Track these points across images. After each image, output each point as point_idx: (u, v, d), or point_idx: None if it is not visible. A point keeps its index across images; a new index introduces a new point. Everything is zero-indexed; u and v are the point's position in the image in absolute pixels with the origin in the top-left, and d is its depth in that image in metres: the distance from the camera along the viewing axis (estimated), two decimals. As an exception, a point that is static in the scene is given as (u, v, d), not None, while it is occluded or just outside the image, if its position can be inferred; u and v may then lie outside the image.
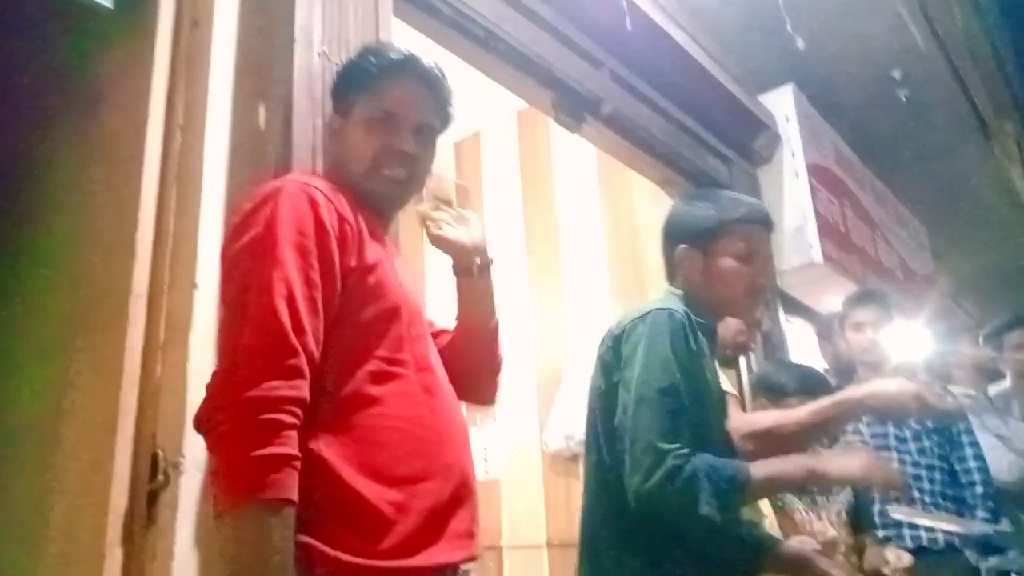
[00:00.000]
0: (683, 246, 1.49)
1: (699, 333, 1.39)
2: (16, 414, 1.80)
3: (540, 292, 4.15)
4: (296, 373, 0.96)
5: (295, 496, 0.91)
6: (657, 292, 1.58)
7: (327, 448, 0.99)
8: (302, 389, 0.96)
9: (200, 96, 1.39)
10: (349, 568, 0.94)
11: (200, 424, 0.97)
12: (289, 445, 0.92)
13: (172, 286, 1.32)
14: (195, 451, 1.22)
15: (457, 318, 1.39)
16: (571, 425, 3.73)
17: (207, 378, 1.24)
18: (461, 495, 1.09)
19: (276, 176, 1.35)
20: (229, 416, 0.92)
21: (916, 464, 2.49)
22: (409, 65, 1.24)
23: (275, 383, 0.93)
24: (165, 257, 1.34)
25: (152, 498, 1.22)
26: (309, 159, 1.37)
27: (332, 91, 1.34)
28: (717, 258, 1.47)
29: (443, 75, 1.28)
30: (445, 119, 1.30)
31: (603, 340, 1.47)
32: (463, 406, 1.27)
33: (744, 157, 3.21)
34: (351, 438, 1.01)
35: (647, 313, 1.38)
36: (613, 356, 1.40)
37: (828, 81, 3.43)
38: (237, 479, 0.90)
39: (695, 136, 2.91)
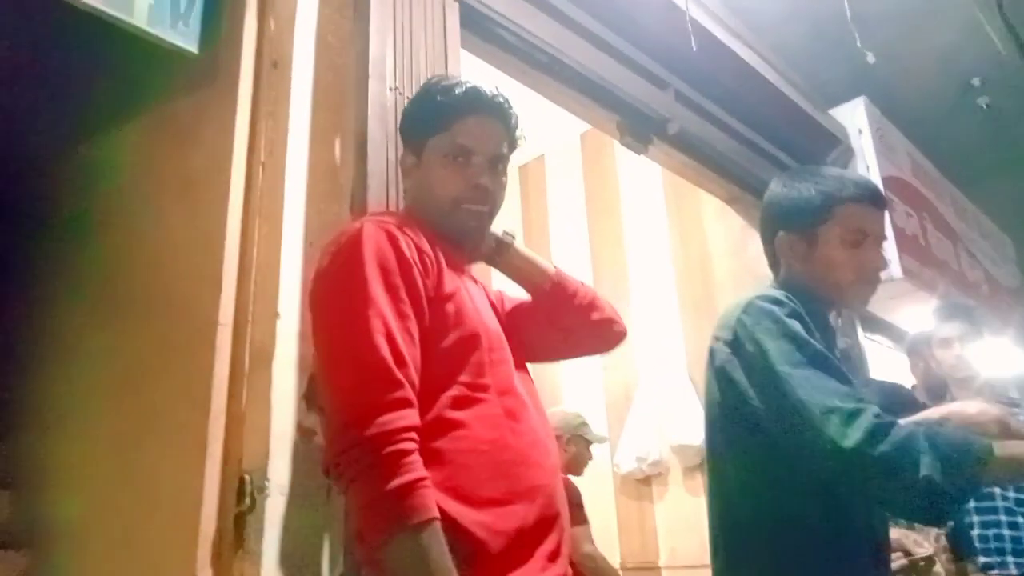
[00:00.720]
0: (782, 233, 1.38)
1: (810, 322, 1.26)
2: (107, 442, 1.89)
3: (608, 314, 4.12)
4: (404, 404, 1.00)
5: (436, 512, 0.96)
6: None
7: None
8: (412, 417, 1.00)
9: (281, 133, 1.45)
10: None
11: (328, 470, 1.03)
12: (416, 469, 0.97)
13: (256, 315, 1.38)
14: (279, 475, 1.27)
15: (527, 292, 1.42)
16: (642, 447, 3.69)
17: (290, 404, 1.31)
18: (548, 517, 1.10)
19: (353, 207, 1.41)
20: (355, 458, 0.96)
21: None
22: (478, 99, 1.27)
23: (388, 416, 0.97)
24: (249, 288, 1.40)
25: (239, 521, 1.26)
26: (383, 190, 1.41)
27: (401, 129, 1.37)
28: (824, 244, 1.33)
29: (509, 103, 1.31)
30: (513, 146, 1.33)
31: (712, 352, 1.36)
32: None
33: (804, 168, 3.13)
34: (438, 463, 1.03)
35: (748, 305, 1.27)
36: (729, 359, 1.28)
37: (902, 92, 3.34)
38: (381, 516, 0.96)
39: (764, 153, 2.87)
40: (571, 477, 3.19)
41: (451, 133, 1.25)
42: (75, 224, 2.46)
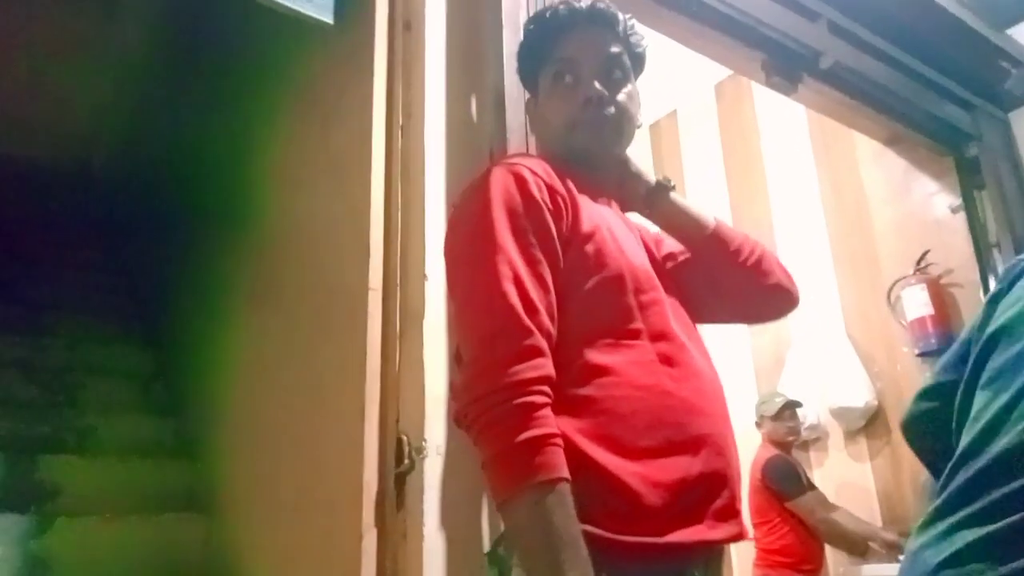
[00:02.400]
0: None
1: None
2: (275, 412, 2.00)
3: (754, 273, 3.92)
4: (536, 352, 0.94)
5: (565, 472, 0.90)
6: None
7: (564, 423, 0.95)
8: (545, 367, 0.95)
9: (417, 96, 1.44)
10: (601, 543, 0.90)
11: (459, 421, 0.99)
12: (546, 424, 0.91)
13: (404, 279, 1.38)
14: (435, 435, 1.27)
15: (683, 245, 1.31)
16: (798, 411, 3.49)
17: (442, 364, 1.30)
18: (716, 470, 1.01)
19: (492, 164, 1.37)
20: (483, 409, 0.92)
21: None
22: (572, 14, 1.19)
23: (518, 367, 0.92)
24: (395, 252, 1.40)
25: (400, 481, 1.28)
26: (523, 143, 1.37)
27: (519, 74, 1.32)
28: None
29: (610, 7, 1.21)
30: (630, 46, 1.23)
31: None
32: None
33: (991, 101, 2.80)
34: (586, 410, 0.97)
35: None
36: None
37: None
38: (506, 469, 0.91)
39: (929, 83, 2.58)
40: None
41: (553, 57, 1.19)
42: (229, 206, 2.61)
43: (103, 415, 2.81)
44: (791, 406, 3.26)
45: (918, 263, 3.01)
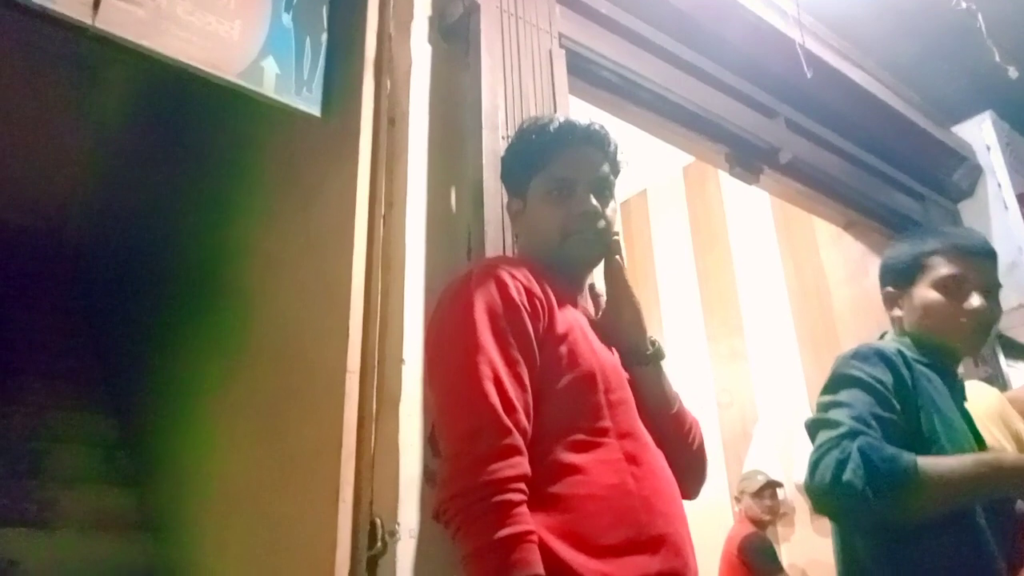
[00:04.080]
0: (888, 289, 1.48)
1: (928, 370, 1.33)
2: (245, 488, 1.99)
3: (720, 349, 4.01)
4: (514, 451, 0.99)
5: (540, 569, 0.94)
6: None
7: (534, 518, 1.00)
8: (522, 465, 1.00)
9: (400, 187, 1.51)
10: None
11: (438, 516, 1.03)
12: (523, 522, 0.96)
13: (382, 362, 1.42)
14: (408, 518, 1.29)
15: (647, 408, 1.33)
16: (765, 487, 3.53)
17: (417, 448, 1.34)
18: (673, 568, 1.04)
19: (470, 254, 1.44)
20: (462, 506, 0.96)
21: None
22: (572, 131, 1.28)
23: (496, 465, 0.97)
24: (374, 335, 1.45)
25: (371, 564, 1.29)
26: (499, 235, 1.43)
27: (503, 177, 1.40)
28: (918, 292, 1.42)
29: (604, 130, 1.31)
30: (616, 168, 1.32)
31: None
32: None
33: (941, 193, 2.97)
34: (554, 508, 1.02)
35: (849, 352, 1.35)
36: None
37: (1032, 102, 3.12)
38: (485, 565, 0.94)
39: (882, 175, 2.74)
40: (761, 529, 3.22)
41: (550, 170, 1.26)
42: (204, 281, 2.64)
43: (65, 486, 2.76)
44: (772, 485, 3.29)
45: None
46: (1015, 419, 1.81)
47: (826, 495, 1.14)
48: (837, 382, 1.29)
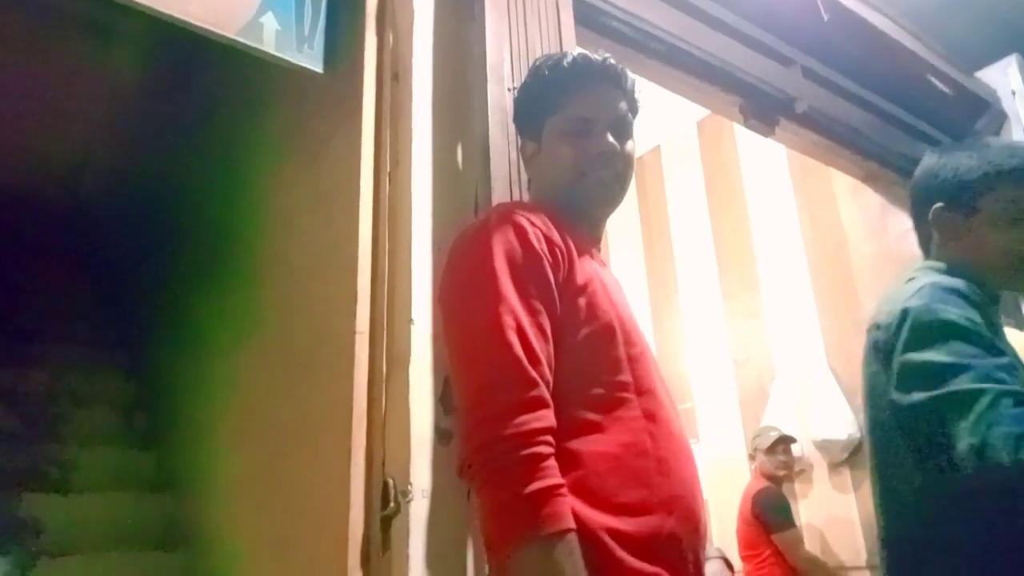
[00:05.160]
0: (939, 205, 1.28)
1: (978, 309, 1.16)
2: (259, 451, 2.00)
3: (736, 307, 3.98)
4: (540, 403, 0.96)
5: (572, 523, 0.92)
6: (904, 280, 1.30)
7: None
8: (548, 418, 0.96)
9: (404, 143, 1.48)
10: None
11: (462, 472, 1.00)
12: (553, 475, 0.93)
13: (391, 322, 1.40)
14: (421, 478, 1.28)
15: None
16: (782, 444, 3.53)
17: (428, 408, 1.33)
18: (686, 531, 1.02)
19: (477, 211, 1.41)
20: (488, 458, 0.93)
21: None
22: (588, 68, 1.23)
23: (524, 417, 0.94)
24: (382, 295, 1.43)
25: (385, 524, 1.29)
26: (507, 191, 1.40)
27: (516, 119, 1.36)
28: (985, 219, 1.25)
29: (620, 65, 1.26)
30: (634, 107, 1.27)
31: (876, 334, 1.26)
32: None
33: (963, 141, 2.88)
34: (570, 464, 0.99)
35: (918, 291, 1.18)
36: (891, 346, 1.19)
37: (1062, 45, 3.00)
38: (514, 521, 0.91)
39: (903, 125, 2.66)
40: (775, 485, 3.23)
41: (566, 109, 1.21)
42: (216, 242, 2.64)
43: (85, 447, 2.81)
44: (785, 440, 3.29)
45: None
46: None
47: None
48: (931, 334, 1.13)
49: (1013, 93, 2.95)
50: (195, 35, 1.60)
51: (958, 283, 1.19)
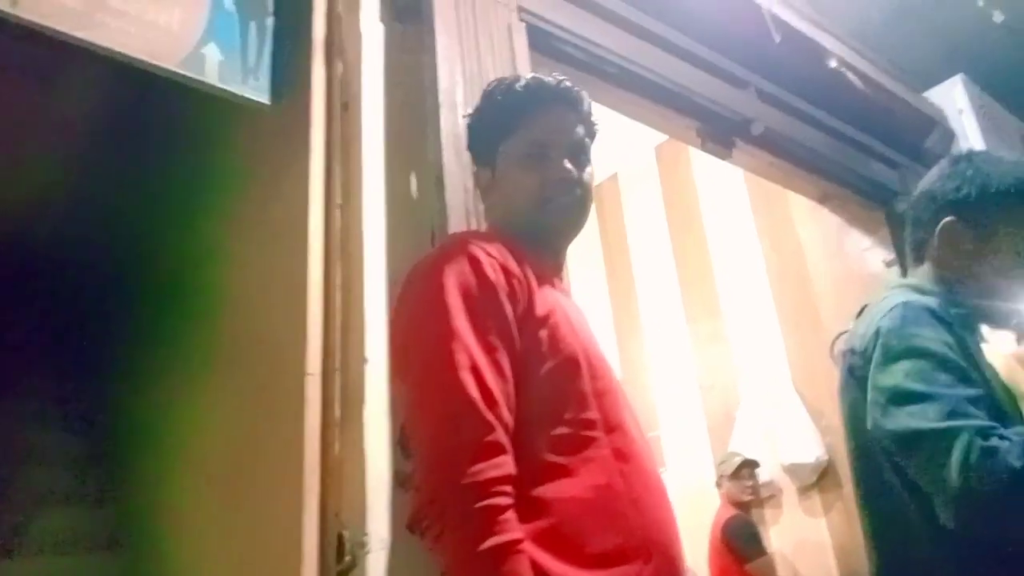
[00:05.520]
0: (951, 219, 1.23)
1: (951, 330, 1.14)
2: (211, 501, 1.90)
3: (701, 332, 3.97)
4: (497, 449, 0.89)
5: None
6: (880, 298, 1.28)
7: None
8: (507, 465, 0.89)
9: (355, 174, 1.42)
10: None
11: (414, 524, 0.93)
12: (511, 530, 0.86)
13: (344, 362, 1.33)
14: (379, 527, 1.21)
15: None
16: (751, 469, 3.49)
17: (385, 452, 1.25)
18: None
19: (433, 242, 1.35)
20: (443, 511, 0.87)
21: None
22: (542, 90, 1.19)
23: (479, 465, 0.87)
24: (335, 334, 1.36)
25: (341, 578, 1.20)
26: (463, 221, 1.35)
27: (470, 146, 1.31)
28: (992, 232, 1.21)
29: (575, 87, 1.22)
30: (591, 131, 1.23)
31: (850, 358, 1.24)
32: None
33: (915, 159, 2.92)
34: (537, 513, 0.92)
35: (890, 311, 1.16)
36: (863, 372, 1.17)
37: (1004, 66, 3.08)
38: None
39: (857, 145, 2.69)
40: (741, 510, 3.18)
41: (521, 133, 1.17)
42: (169, 286, 2.54)
43: (35, 508, 2.65)
44: (749, 465, 3.27)
45: (858, 316, 3.07)
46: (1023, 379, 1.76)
47: (996, 501, 0.97)
48: (900, 358, 1.10)
49: (960, 112, 3.01)
50: (141, 71, 1.53)
51: (931, 302, 1.17)
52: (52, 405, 3.49)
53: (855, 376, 1.20)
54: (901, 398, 1.08)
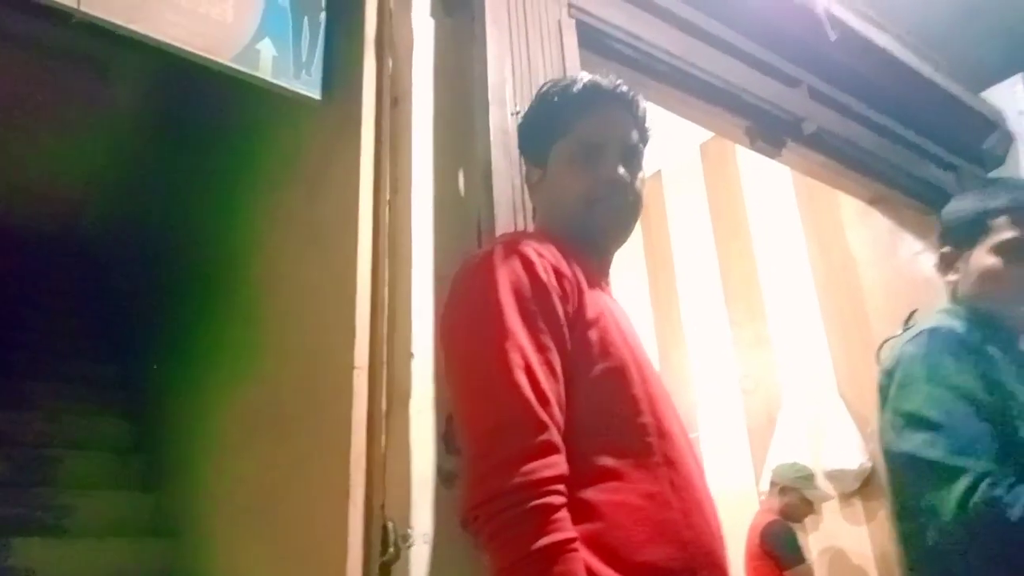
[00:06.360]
0: (945, 249, 1.37)
1: (989, 346, 1.20)
2: (255, 491, 1.93)
3: (743, 335, 3.91)
4: (551, 448, 0.89)
5: None
6: (906, 320, 1.44)
7: None
8: (560, 464, 0.89)
9: (404, 170, 1.43)
10: None
11: (467, 523, 0.93)
12: (565, 529, 0.86)
13: (391, 357, 1.34)
14: (422, 522, 1.21)
15: None
16: (792, 474, 3.43)
17: (430, 447, 1.26)
18: None
19: (480, 238, 1.35)
20: (495, 511, 0.86)
21: None
22: (598, 92, 1.18)
23: (533, 464, 0.87)
24: (382, 329, 1.36)
25: (384, 571, 1.21)
26: (511, 218, 1.35)
27: (521, 145, 1.30)
28: (976, 256, 1.30)
29: (631, 90, 1.21)
30: (645, 135, 1.22)
31: (880, 377, 1.32)
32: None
33: (973, 161, 2.83)
34: (588, 516, 0.91)
35: (916, 336, 1.23)
36: (887, 392, 1.26)
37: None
38: None
39: (911, 146, 2.61)
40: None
41: (575, 134, 1.16)
42: (214, 278, 2.58)
43: (80, 492, 2.72)
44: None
45: (906, 322, 3.00)
46: None
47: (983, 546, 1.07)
48: (918, 385, 1.17)
49: (1020, 113, 2.91)
50: (193, 64, 1.56)
51: (957, 326, 1.23)
52: (97, 392, 3.59)
53: (882, 395, 1.28)
54: (916, 424, 1.15)
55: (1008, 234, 1.26)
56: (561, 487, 0.88)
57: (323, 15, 1.74)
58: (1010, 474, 1.06)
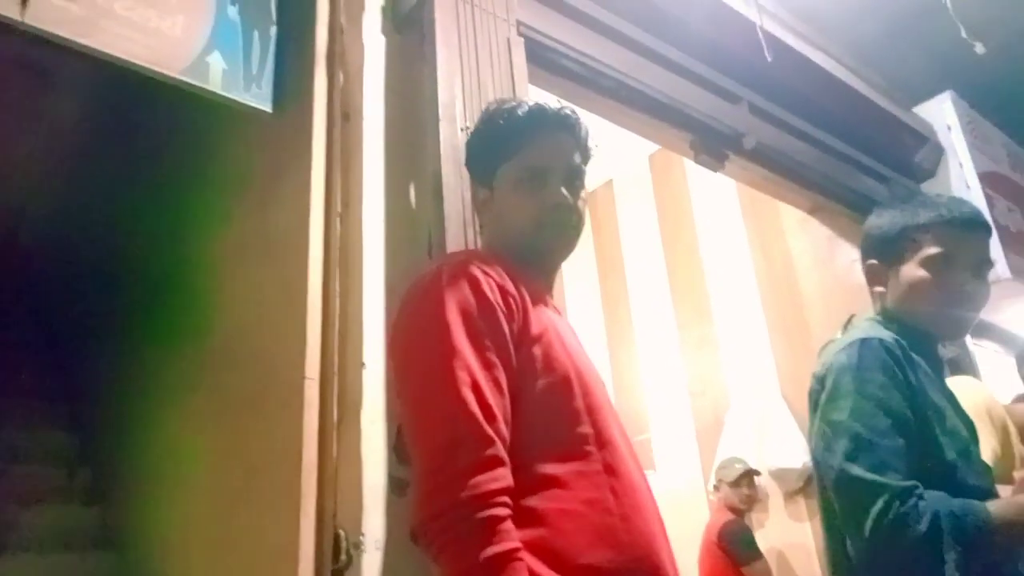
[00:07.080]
0: (871, 262, 1.41)
1: (915, 354, 1.26)
2: (204, 502, 1.92)
3: (691, 338, 4.01)
4: (497, 462, 0.93)
5: None
6: (853, 324, 1.45)
7: None
8: (505, 477, 0.93)
9: (355, 184, 1.46)
10: None
11: (417, 536, 0.96)
12: (510, 539, 0.90)
13: (342, 367, 1.37)
14: (374, 529, 1.24)
15: None
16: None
17: (381, 455, 1.29)
18: None
19: (431, 251, 1.39)
20: (445, 524, 0.90)
21: None
22: (542, 116, 1.23)
23: (479, 478, 0.90)
24: (333, 340, 1.39)
25: (337, 578, 1.24)
26: (461, 231, 1.38)
27: (468, 165, 1.35)
28: (905, 270, 1.35)
29: (574, 114, 1.26)
30: (587, 155, 1.27)
31: (812, 382, 1.37)
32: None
33: (904, 174, 2.98)
34: (531, 523, 0.95)
35: (848, 346, 1.26)
36: (818, 397, 1.30)
37: (991, 83, 3.14)
38: None
39: (846, 158, 2.74)
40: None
41: (520, 158, 1.21)
42: (162, 288, 2.56)
43: (25, 506, 2.66)
44: (750, 474, 3.30)
45: (844, 326, 3.12)
46: (1001, 412, 1.81)
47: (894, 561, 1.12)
48: (844, 397, 1.22)
49: (948, 128, 3.07)
50: (141, 76, 1.56)
51: (886, 336, 1.27)
52: (43, 403, 3.50)
53: (812, 400, 1.32)
54: (841, 434, 1.19)
55: (934, 249, 1.32)
56: (506, 499, 0.92)
57: (274, 29, 1.76)
58: (926, 490, 1.12)
